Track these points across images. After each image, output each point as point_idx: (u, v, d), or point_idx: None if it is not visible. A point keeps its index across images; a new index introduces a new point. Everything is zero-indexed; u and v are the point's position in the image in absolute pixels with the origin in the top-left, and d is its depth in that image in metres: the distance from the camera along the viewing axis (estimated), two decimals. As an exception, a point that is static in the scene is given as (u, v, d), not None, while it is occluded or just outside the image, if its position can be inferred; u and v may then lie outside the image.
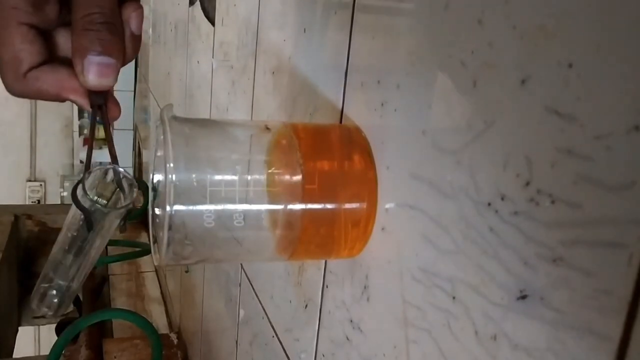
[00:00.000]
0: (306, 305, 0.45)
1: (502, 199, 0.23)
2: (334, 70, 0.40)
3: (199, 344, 0.97)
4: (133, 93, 2.70)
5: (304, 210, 0.32)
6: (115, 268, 1.52)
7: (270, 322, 0.54)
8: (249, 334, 0.63)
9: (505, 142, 0.23)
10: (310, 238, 0.33)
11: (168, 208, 0.30)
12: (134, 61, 2.67)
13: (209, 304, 0.90)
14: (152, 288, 1.49)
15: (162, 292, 1.46)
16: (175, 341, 1.15)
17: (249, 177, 0.34)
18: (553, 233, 0.21)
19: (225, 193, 0.33)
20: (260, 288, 0.58)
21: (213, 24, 0.84)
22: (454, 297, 0.26)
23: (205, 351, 0.92)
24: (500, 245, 0.23)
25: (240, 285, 0.66)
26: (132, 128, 2.83)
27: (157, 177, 0.37)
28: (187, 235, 0.32)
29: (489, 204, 0.24)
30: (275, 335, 0.53)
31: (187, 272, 1.06)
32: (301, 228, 0.33)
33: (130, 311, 0.95)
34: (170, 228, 0.30)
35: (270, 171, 0.34)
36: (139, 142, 2.33)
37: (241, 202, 0.34)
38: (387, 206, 0.33)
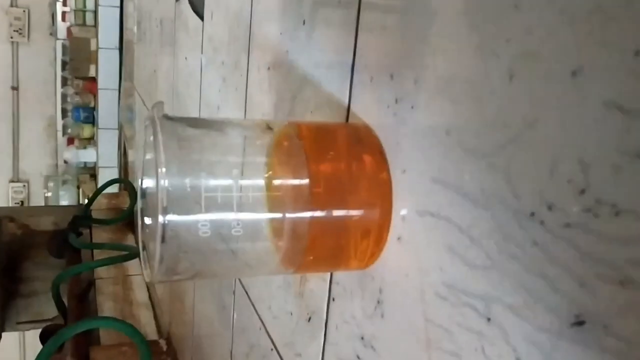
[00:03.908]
0: (309, 318, 0.42)
1: (550, 208, 0.20)
2: (339, 64, 0.37)
3: (190, 351, 0.94)
4: (118, 92, 2.65)
5: (311, 218, 0.29)
6: (101, 272, 1.48)
7: (268, 334, 0.51)
8: (245, 344, 0.59)
9: (552, 143, 0.20)
10: (318, 249, 0.30)
11: (161, 218, 0.26)
12: (118, 60, 2.63)
13: (201, 309, 0.86)
14: (139, 292, 1.45)
15: (150, 297, 1.42)
16: (165, 347, 1.12)
17: (249, 182, 0.30)
18: (619, 250, 0.18)
19: (223, 199, 0.30)
20: (257, 297, 0.55)
21: (202, 18, 0.80)
22: (488, 319, 0.23)
23: (197, 359, 0.88)
24: (547, 261, 0.20)
25: (234, 294, 0.63)
26: (117, 127, 2.78)
27: (147, 183, 0.34)
28: (181, 247, 0.28)
29: (532, 214, 0.21)
30: (274, 349, 0.50)
31: (176, 276, 1.02)
32: (309, 238, 0.29)
33: (117, 319, 0.91)
34: (163, 240, 0.27)
35: (272, 175, 0.31)
36: (124, 142, 2.28)
37: (240, 209, 0.30)
38: (403, 213, 0.30)
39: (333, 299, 0.38)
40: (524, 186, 0.22)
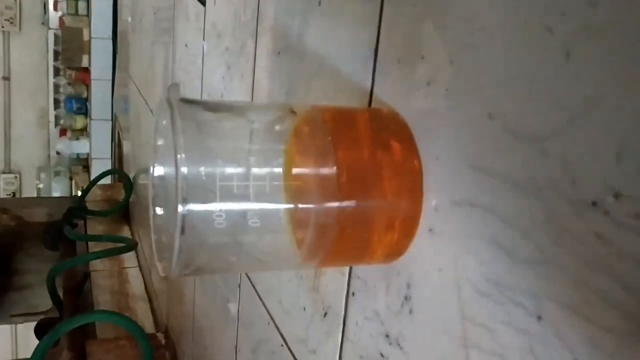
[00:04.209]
0: (325, 314, 0.40)
1: (616, 197, 0.19)
2: (360, 45, 0.35)
3: (190, 345, 0.92)
4: (111, 82, 2.62)
5: (339, 209, 0.27)
6: (96, 264, 1.45)
7: (278, 329, 0.49)
8: (252, 339, 0.58)
9: (619, 125, 0.19)
10: (344, 242, 0.28)
11: (180, 208, 0.24)
12: (111, 51, 2.59)
13: (202, 302, 0.84)
14: (136, 284, 1.43)
15: (146, 289, 1.39)
16: (163, 341, 1.10)
17: (269, 170, 0.28)
18: None
19: (240, 189, 0.28)
20: (265, 291, 0.53)
21: (204, 3, 0.78)
22: (539, 317, 0.22)
23: (198, 353, 0.86)
24: (614, 255, 0.19)
25: (239, 287, 0.61)
26: (110, 118, 2.74)
27: (159, 170, 0.32)
28: (199, 239, 0.26)
29: (594, 204, 0.19)
30: (285, 344, 0.48)
31: (175, 269, 1.00)
32: (336, 230, 0.27)
33: (116, 313, 0.89)
34: (182, 232, 0.25)
35: (292, 163, 0.29)
36: (118, 133, 2.25)
37: (258, 199, 0.28)
38: (435, 203, 0.28)
39: (353, 294, 0.36)
40: (584, 173, 0.20)
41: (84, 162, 3.58)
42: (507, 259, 0.23)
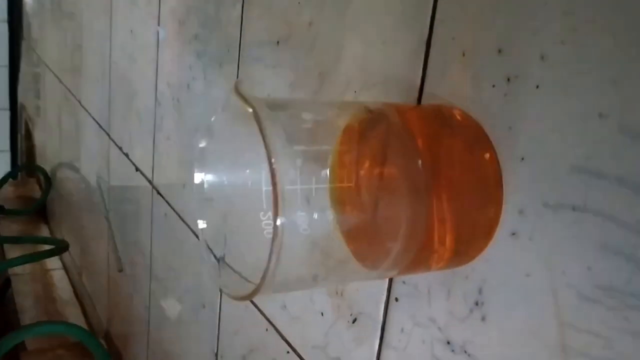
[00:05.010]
0: (354, 320, 0.38)
1: None
2: (404, 31, 0.33)
3: (143, 351, 0.87)
4: (8, 69, 2.42)
5: (429, 211, 0.25)
6: (16, 268, 1.34)
7: (281, 336, 0.47)
8: (241, 346, 0.55)
9: None
10: (426, 248, 0.27)
11: (279, 220, 0.21)
12: (7, 33, 2.39)
13: (161, 305, 0.79)
14: (62, 288, 1.33)
15: (75, 292, 1.30)
16: (106, 348, 1.03)
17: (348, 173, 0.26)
18: None
19: (313, 194, 0.25)
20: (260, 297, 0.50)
21: (157, -13, 0.72)
22: (676, 325, 0.21)
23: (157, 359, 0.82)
24: None
25: (221, 291, 0.58)
26: (7, 107, 2.54)
27: (202, 177, 0.28)
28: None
29: None
30: (292, 351, 0.45)
31: (121, 271, 0.94)
32: (427, 233, 0.26)
33: (68, 323, 0.82)
34: (281, 249, 0.22)
35: (356, 164, 0.27)
36: (26, 123, 2.08)
37: (320, 205, 0.26)
38: (520, 206, 0.26)
39: (396, 299, 0.34)
40: None
41: (-21, 155, 3.29)
42: (626, 264, 0.22)
